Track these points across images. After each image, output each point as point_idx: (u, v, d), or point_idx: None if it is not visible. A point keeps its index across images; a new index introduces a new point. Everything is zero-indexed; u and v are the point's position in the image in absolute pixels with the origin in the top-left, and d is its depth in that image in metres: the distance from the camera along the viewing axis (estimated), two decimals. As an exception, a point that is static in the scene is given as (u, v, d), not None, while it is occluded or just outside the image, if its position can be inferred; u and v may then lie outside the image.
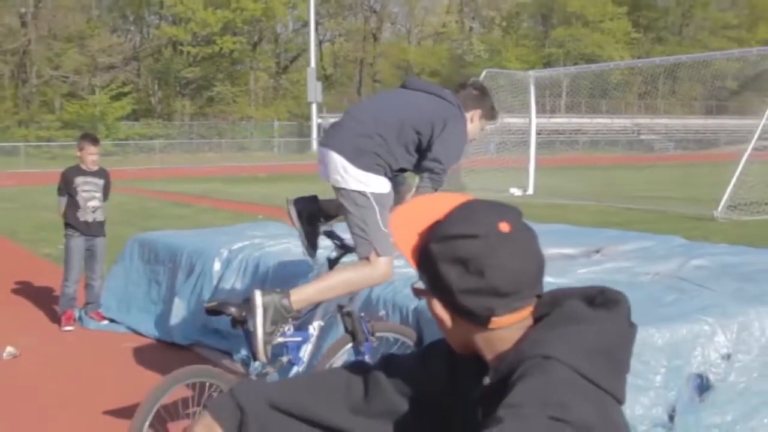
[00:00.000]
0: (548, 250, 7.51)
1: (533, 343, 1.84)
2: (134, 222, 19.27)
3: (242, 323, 4.88)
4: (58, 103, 73.08)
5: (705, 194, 22.21)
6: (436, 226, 1.92)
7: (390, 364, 2.31)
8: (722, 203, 20.88)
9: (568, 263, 7.31)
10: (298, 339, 5.26)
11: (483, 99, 5.54)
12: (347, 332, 5.43)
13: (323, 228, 5.42)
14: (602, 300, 1.94)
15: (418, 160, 5.21)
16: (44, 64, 72.27)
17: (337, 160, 5.02)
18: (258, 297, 4.74)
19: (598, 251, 8.03)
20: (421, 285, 2.00)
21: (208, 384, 4.68)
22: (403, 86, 5.50)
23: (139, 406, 4.36)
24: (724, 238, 14.53)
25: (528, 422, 1.65)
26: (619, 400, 1.80)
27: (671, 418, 4.94)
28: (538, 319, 1.93)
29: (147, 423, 4.33)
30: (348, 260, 5.42)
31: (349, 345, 5.47)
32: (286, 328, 4.85)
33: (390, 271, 5.00)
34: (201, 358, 8.12)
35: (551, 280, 5.67)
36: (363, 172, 4.95)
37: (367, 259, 4.94)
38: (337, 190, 5.04)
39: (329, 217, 5.33)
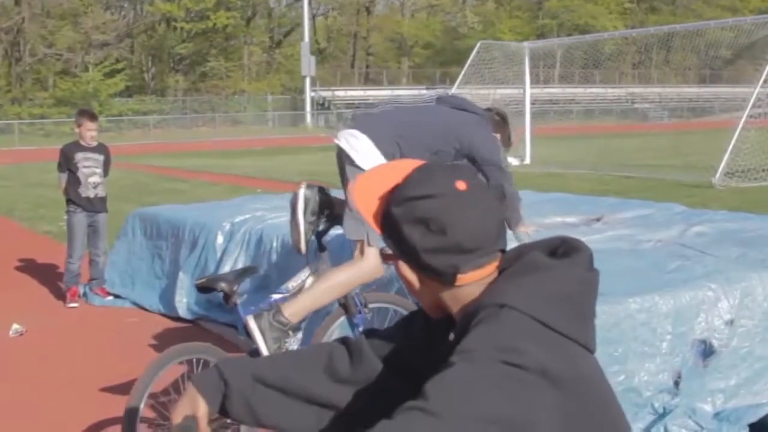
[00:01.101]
0: (549, 219, 7.62)
1: (491, 293, 1.87)
2: (131, 197, 19.26)
3: (233, 299, 4.91)
4: (52, 81, 72.84)
5: (702, 162, 22.18)
6: (396, 189, 1.95)
7: (372, 333, 2.36)
8: (720, 170, 20.89)
9: (569, 232, 7.33)
10: None
11: (503, 126, 5.80)
12: (340, 305, 5.44)
13: (321, 226, 5.37)
14: (563, 249, 1.96)
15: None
16: (38, 42, 71.99)
17: (363, 139, 5.02)
18: (252, 322, 4.75)
19: (598, 219, 8.07)
20: (388, 250, 2.04)
21: (203, 360, 4.71)
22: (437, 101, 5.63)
23: (135, 383, 4.39)
24: (723, 205, 14.56)
25: (479, 366, 1.69)
26: (588, 348, 1.83)
27: (676, 383, 4.98)
28: (502, 273, 1.96)
29: (143, 400, 4.36)
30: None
31: (342, 318, 5.49)
32: (292, 340, 4.86)
33: (380, 264, 4.99)
34: (206, 332, 8.17)
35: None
36: (382, 158, 4.95)
37: (358, 247, 4.94)
38: (349, 166, 5.03)
39: (333, 217, 5.26)
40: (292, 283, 5.37)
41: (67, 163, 9.76)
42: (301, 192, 4.93)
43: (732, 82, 67.39)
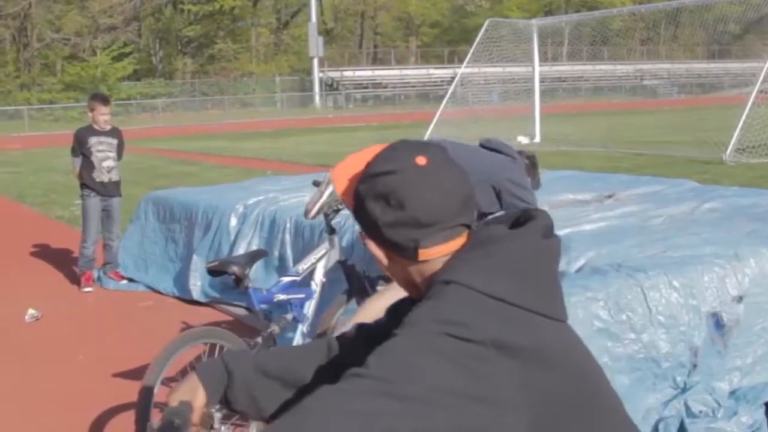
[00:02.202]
0: (561, 196, 7.64)
1: (442, 270, 1.88)
2: (142, 181, 19.31)
3: (245, 282, 4.94)
4: (60, 66, 72.88)
5: (712, 138, 22.15)
6: (365, 169, 1.98)
7: (365, 325, 2.39)
8: (730, 146, 20.84)
9: (582, 209, 7.36)
10: (302, 296, 5.32)
11: (533, 170, 5.89)
12: (349, 287, 5.47)
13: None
14: (522, 220, 1.96)
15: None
16: (45, 27, 72.02)
17: None
18: None
19: (610, 196, 8.08)
20: None
21: (219, 345, 4.73)
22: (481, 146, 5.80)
23: (150, 367, 4.42)
24: (735, 181, 14.55)
25: (420, 336, 1.70)
26: (553, 318, 1.82)
27: (695, 355, 5.00)
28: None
29: (158, 384, 4.39)
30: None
31: (345, 305, 5.53)
32: None
33: None
34: (220, 315, 8.21)
35: (568, 230, 5.73)
36: None
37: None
38: None
39: None
40: (303, 266, 5.41)
41: (80, 147, 9.76)
42: None
43: (741, 58, 67.09)
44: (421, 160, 1.90)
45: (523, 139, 29.49)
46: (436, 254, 1.91)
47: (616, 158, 22.67)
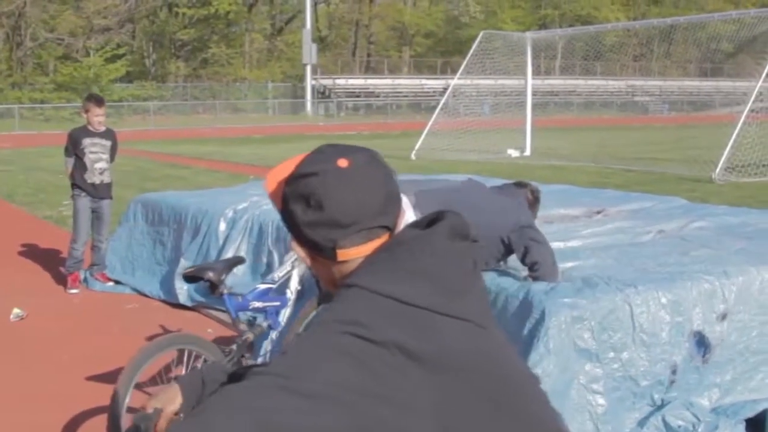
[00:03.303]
0: (551, 211, 7.65)
1: (349, 275, 1.91)
2: (132, 183, 19.27)
3: (220, 288, 4.95)
4: (53, 66, 72.78)
5: (702, 156, 22.22)
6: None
7: None
8: (720, 165, 20.92)
9: (572, 224, 7.38)
10: (277, 304, 5.32)
11: (535, 204, 5.89)
12: (320, 293, 5.46)
13: None
14: (432, 221, 1.97)
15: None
16: (39, 27, 71.90)
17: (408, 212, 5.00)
18: None
19: (599, 212, 8.09)
20: None
21: (191, 351, 4.72)
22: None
23: (122, 373, 4.42)
24: (723, 199, 14.60)
25: (320, 335, 1.73)
26: (458, 317, 1.81)
27: (673, 372, 5.02)
28: None
29: (130, 389, 4.39)
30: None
31: (315, 312, 5.53)
32: None
33: None
34: (205, 319, 8.21)
35: (559, 244, 5.75)
36: None
37: None
38: None
39: None
40: (278, 273, 5.41)
41: (74, 147, 9.72)
42: None
43: (733, 76, 67.31)
44: (342, 163, 1.93)
45: (513, 153, 29.57)
46: (354, 255, 1.93)
47: (606, 174, 22.72)
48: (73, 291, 9.70)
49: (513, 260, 5.50)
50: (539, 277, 5.13)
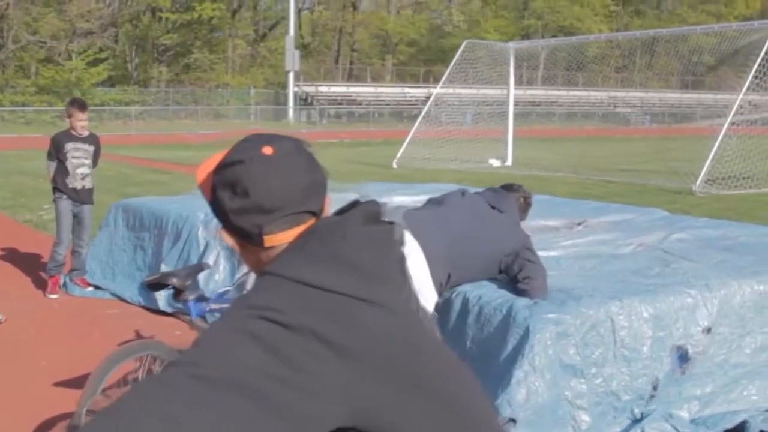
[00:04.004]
0: (532, 221, 7.65)
1: (268, 263, 1.94)
2: (112, 188, 19.24)
3: (184, 294, 4.95)
4: (34, 69, 72.46)
5: (682, 168, 22.32)
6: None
7: None
8: (700, 177, 21.03)
9: (552, 236, 7.38)
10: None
11: (525, 211, 5.96)
12: None
13: None
14: (347, 208, 2.01)
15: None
16: (22, 29, 71.59)
17: (421, 267, 4.98)
18: None
19: (580, 223, 8.11)
20: None
21: (151, 356, 4.73)
22: (489, 203, 5.70)
23: (87, 381, 4.41)
24: (704, 211, 14.65)
25: (234, 322, 1.75)
26: (373, 302, 1.82)
27: (654, 388, 5.03)
28: None
29: (96, 395, 4.38)
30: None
31: None
32: None
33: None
34: (184, 325, 8.18)
35: (541, 254, 5.76)
36: (431, 288, 4.99)
37: None
38: None
39: None
40: (238, 275, 5.42)
41: (56, 152, 9.68)
42: None
43: (714, 89, 67.65)
44: (267, 150, 1.96)
45: (494, 162, 29.61)
46: (281, 240, 1.95)
47: (587, 185, 22.78)
48: (53, 296, 9.65)
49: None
50: (528, 290, 5.12)
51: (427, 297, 4.91)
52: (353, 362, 1.72)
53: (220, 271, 8.13)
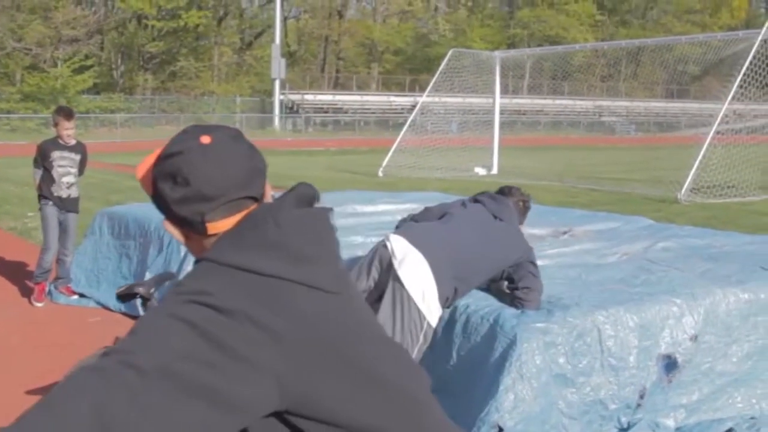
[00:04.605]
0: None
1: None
2: (97, 196, 19.20)
3: (151, 302, 4.97)
4: (19, 76, 72.28)
5: (667, 176, 22.38)
6: None
7: None
8: (685, 186, 21.08)
9: (538, 244, 7.38)
10: None
11: (524, 214, 6.07)
12: None
13: None
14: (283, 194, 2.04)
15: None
16: (7, 36, 71.41)
17: (425, 274, 4.98)
18: None
19: (566, 232, 8.11)
20: None
21: None
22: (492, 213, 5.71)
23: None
24: (688, 220, 14.69)
25: (166, 308, 1.77)
26: (307, 284, 1.85)
27: (641, 397, 5.03)
28: None
29: None
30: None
31: None
32: None
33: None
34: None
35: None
36: (437, 302, 4.99)
37: None
38: (399, 288, 4.99)
39: None
40: None
41: (43, 160, 9.61)
42: None
43: (699, 98, 67.87)
44: (205, 140, 1.98)
45: (480, 171, 29.64)
46: (223, 227, 1.97)
47: (572, 193, 22.82)
48: (38, 304, 9.61)
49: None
50: (524, 300, 5.12)
51: (432, 310, 4.91)
52: (285, 345, 1.75)
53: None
